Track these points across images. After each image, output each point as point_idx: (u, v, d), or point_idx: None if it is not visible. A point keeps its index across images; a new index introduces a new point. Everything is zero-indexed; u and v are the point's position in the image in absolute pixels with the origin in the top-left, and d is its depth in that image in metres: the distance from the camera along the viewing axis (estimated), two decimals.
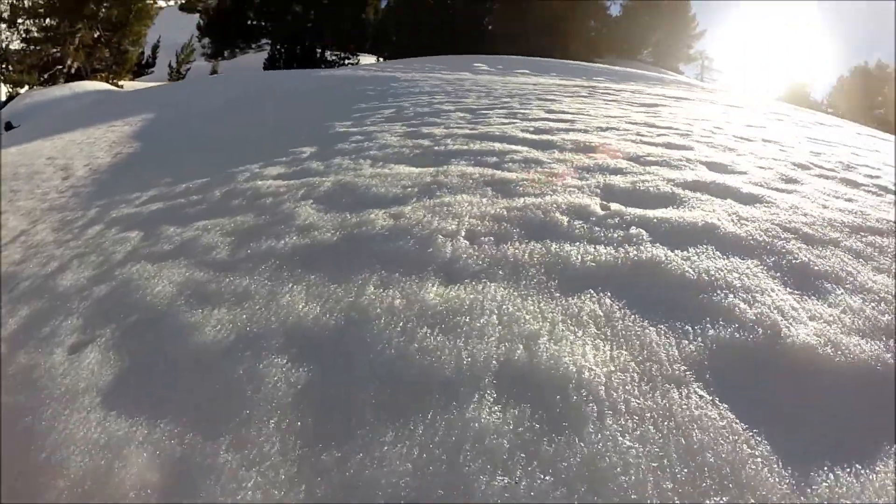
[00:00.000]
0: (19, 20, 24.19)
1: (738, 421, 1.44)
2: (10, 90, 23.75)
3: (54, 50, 24.76)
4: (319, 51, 30.79)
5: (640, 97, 12.41)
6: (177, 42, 32.96)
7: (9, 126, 17.69)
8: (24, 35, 24.58)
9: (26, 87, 23.72)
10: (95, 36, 26.26)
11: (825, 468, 1.30)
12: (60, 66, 24.98)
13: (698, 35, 44.05)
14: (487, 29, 34.76)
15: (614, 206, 3.20)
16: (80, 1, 24.70)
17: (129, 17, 26.73)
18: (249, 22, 33.75)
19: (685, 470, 1.31)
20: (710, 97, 14.07)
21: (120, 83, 25.87)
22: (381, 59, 32.46)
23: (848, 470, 1.29)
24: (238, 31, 33.51)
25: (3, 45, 23.87)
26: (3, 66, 23.87)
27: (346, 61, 29.57)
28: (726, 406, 1.49)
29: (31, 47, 24.60)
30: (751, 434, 1.40)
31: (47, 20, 24.68)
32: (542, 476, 1.31)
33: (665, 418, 1.46)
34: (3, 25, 23.95)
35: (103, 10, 26.10)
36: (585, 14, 39.27)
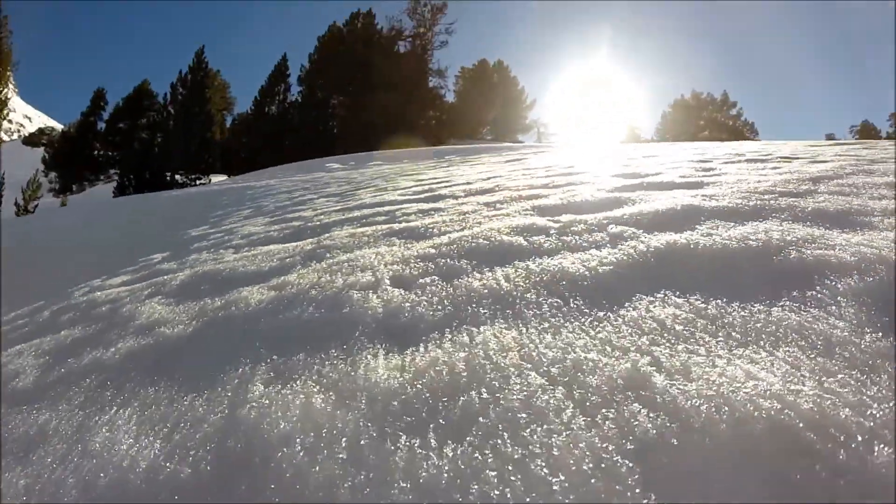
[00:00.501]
0: None
1: None
2: None
3: None
4: (169, 175, 29.51)
5: (501, 157, 12.58)
6: (22, 178, 30.06)
7: None
8: None
9: None
10: None
11: None
12: None
13: (530, 105, 47.59)
14: (333, 132, 35.13)
15: (564, 217, 2.51)
16: None
17: None
18: (96, 153, 32.03)
19: None
20: (563, 148, 14.76)
21: None
22: (231, 177, 31.57)
23: None
24: (85, 163, 31.61)
25: None
26: None
27: (198, 181, 28.24)
28: None
29: None
30: None
31: None
32: None
33: None
34: None
35: None
36: (423, 104, 41.51)
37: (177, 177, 29.89)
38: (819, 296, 1.15)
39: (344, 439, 0.91)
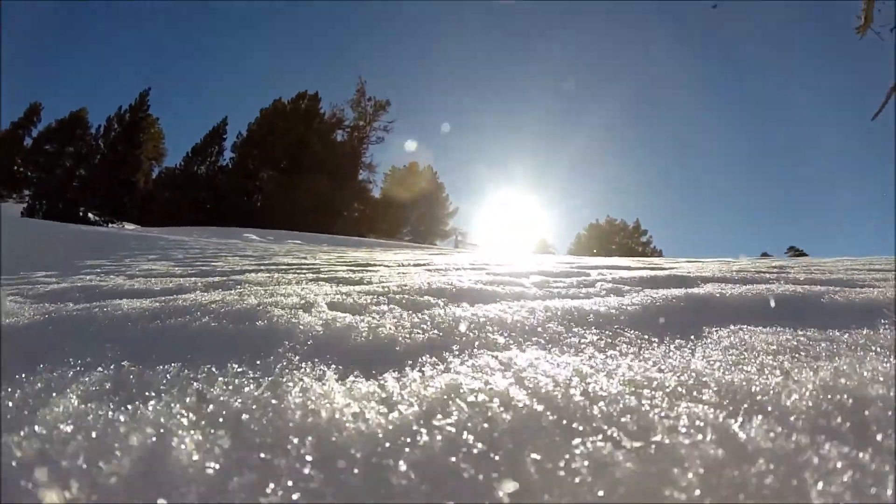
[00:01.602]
0: None
1: None
2: None
3: None
4: (83, 210, 27.12)
5: (427, 250, 12.48)
6: None
7: None
8: None
9: None
10: None
11: None
12: None
13: (453, 212, 47.71)
14: (256, 205, 34.04)
15: (498, 274, 2.24)
16: None
17: None
18: (16, 167, 28.79)
19: None
20: (486, 251, 14.91)
21: None
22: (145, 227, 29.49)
23: None
24: (2, 176, 28.22)
25: None
26: None
27: (110, 224, 25.93)
28: None
29: None
30: None
31: None
32: None
33: None
34: None
35: None
36: (351, 196, 41.30)
37: (90, 214, 27.70)
38: None
39: None
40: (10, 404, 0.71)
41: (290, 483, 0.46)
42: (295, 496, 0.44)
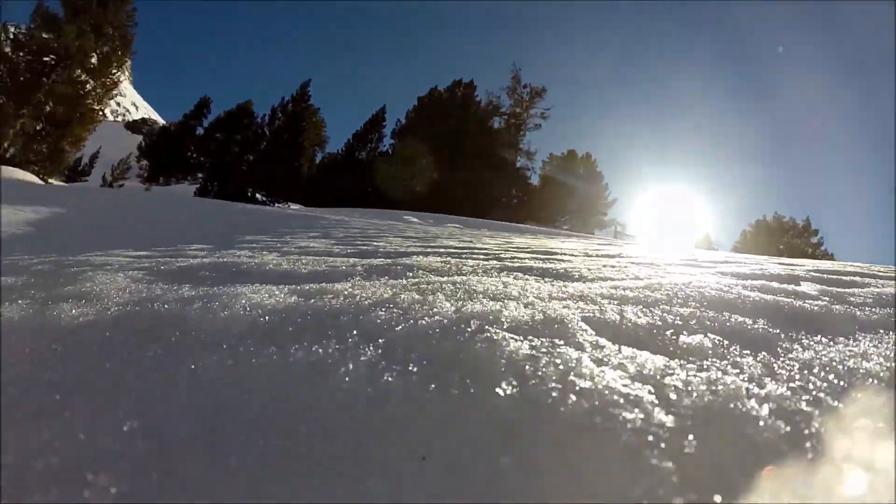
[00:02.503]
0: None
1: None
2: None
3: None
4: (251, 192, 30.42)
5: (593, 240, 11.47)
6: (116, 158, 32.19)
7: None
8: None
9: None
10: (37, 128, 24.54)
11: None
12: None
13: (611, 203, 45.28)
14: (415, 189, 34.91)
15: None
16: (29, 87, 23.49)
17: (72, 118, 25.33)
18: (189, 153, 33.31)
19: None
20: (655, 243, 13.41)
21: (49, 180, 23.46)
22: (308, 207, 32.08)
23: None
24: (177, 161, 32.90)
25: None
26: None
27: (276, 204, 28.70)
28: None
29: None
30: None
31: None
32: None
33: None
34: None
35: (49, 104, 24.70)
36: (509, 182, 40.77)
37: (257, 195, 30.70)
38: None
39: None
40: None
41: None
42: None
